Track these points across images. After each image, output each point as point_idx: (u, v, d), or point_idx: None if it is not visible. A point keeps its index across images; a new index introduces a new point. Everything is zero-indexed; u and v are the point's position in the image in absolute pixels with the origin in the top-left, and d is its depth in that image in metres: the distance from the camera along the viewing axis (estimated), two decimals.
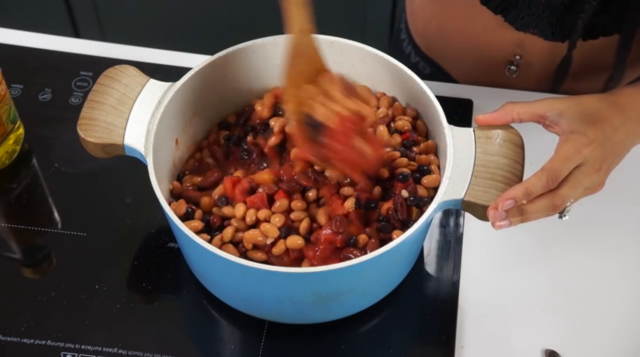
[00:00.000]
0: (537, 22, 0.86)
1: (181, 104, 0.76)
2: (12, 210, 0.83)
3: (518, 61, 0.93)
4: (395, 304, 0.76)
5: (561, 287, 0.79)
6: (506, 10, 0.86)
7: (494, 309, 0.77)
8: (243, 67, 0.79)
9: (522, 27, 0.87)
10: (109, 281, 0.77)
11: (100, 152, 0.73)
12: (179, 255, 0.78)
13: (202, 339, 0.74)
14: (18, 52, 0.96)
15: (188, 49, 0.96)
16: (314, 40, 0.70)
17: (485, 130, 0.72)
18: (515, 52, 0.92)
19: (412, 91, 0.77)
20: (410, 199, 0.70)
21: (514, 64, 0.94)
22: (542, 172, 0.65)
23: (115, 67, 0.75)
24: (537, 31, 0.87)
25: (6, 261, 0.80)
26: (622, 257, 0.81)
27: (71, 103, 0.91)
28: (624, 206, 0.84)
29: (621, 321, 0.77)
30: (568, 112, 0.69)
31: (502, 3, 0.86)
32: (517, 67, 0.94)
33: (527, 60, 0.93)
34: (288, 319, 0.74)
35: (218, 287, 0.74)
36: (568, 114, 0.68)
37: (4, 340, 0.73)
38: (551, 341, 0.75)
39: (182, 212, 0.71)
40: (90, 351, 0.72)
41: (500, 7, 0.86)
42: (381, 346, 0.73)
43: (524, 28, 0.87)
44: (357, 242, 0.69)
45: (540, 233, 0.82)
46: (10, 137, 0.84)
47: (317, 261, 0.67)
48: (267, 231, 0.68)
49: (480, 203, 0.68)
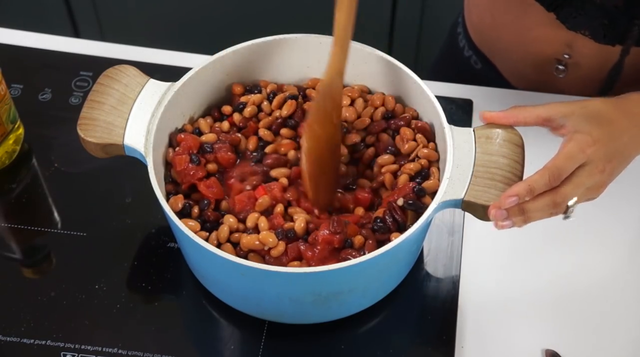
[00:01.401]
0: (589, 23, 0.85)
1: (181, 104, 0.76)
2: (12, 210, 0.83)
3: (567, 60, 0.92)
4: (395, 304, 0.76)
5: (561, 287, 0.79)
6: (559, 8, 0.85)
7: (494, 309, 0.77)
8: (243, 67, 0.79)
9: (574, 27, 0.86)
10: (109, 281, 0.77)
11: (100, 152, 0.73)
12: (179, 255, 0.78)
13: (202, 339, 0.74)
14: (18, 52, 0.96)
15: (188, 49, 0.96)
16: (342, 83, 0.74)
17: (485, 130, 0.72)
18: (565, 52, 0.91)
19: (412, 91, 0.77)
20: (408, 202, 0.70)
21: (562, 63, 0.93)
22: (545, 170, 0.65)
23: (115, 67, 0.75)
24: (589, 32, 0.86)
25: (6, 261, 0.80)
26: (622, 258, 0.81)
27: (71, 103, 0.91)
28: (625, 206, 0.84)
29: (621, 321, 0.77)
30: (574, 114, 0.69)
31: (556, 1, 0.85)
32: (565, 66, 0.93)
33: (576, 61, 0.92)
34: (288, 319, 0.74)
35: (218, 287, 0.74)
36: (574, 116, 0.68)
37: (4, 340, 0.73)
38: (551, 341, 0.75)
39: (178, 207, 0.71)
40: (90, 351, 0.72)
41: (554, 4, 0.85)
42: (381, 346, 0.73)
43: (575, 28, 0.86)
44: (352, 244, 0.69)
45: (540, 233, 0.81)
46: (10, 137, 0.84)
47: (315, 262, 0.67)
48: (264, 239, 0.68)
49: (480, 203, 0.68)
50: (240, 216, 0.71)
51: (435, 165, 0.75)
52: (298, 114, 0.77)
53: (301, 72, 0.81)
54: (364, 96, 0.79)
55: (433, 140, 0.76)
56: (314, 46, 0.79)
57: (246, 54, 0.78)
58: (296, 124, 0.77)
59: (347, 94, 0.79)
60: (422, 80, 0.76)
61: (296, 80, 0.82)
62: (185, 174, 0.72)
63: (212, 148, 0.74)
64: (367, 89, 0.81)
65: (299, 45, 0.79)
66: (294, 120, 0.77)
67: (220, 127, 0.77)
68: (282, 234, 0.69)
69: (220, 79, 0.79)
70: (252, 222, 0.70)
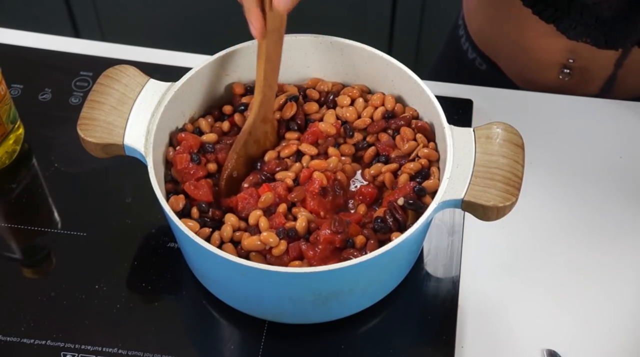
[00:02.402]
0: (590, 32, 0.85)
1: (181, 104, 0.76)
2: (12, 210, 0.83)
3: (571, 64, 0.93)
4: (395, 304, 0.76)
5: (561, 287, 0.79)
6: (558, 21, 0.86)
7: (494, 309, 0.77)
8: (243, 67, 0.79)
9: (575, 37, 0.87)
10: (109, 281, 0.77)
11: (100, 152, 0.73)
12: (179, 255, 0.78)
13: (202, 339, 0.74)
14: (18, 52, 0.96)
15: (188, 49, 0.96)
16: (274, 128, 0.76)
17: (485, 130, 0.72)
18: (569, 57, 0.92)
19: (412, 91, 0.77)
20: (409, 202, 0.70)
21: (567, 67, 0.93)
22: None
23: (115, 67, 0.75)
24: (590, 40, 0.86)
25: (6, 261, 0.80)
26: (622, 257, 0.81)
27: (71, 103, 0.91)
28: (625, 206, 0.84)
29: (621, 321, 0.76)
30: None
31: (555, 13, 0.85)
32: (571, 70, 0.94)
33: (581, 65, 0.93)
34: (288, 319, 0.74)
35: (218, 287, 0.74)
36: None
37: (4, 340, 0.73)
38: (551, 341, 0.75)
39: (179, 207, 0.71)
40: (90, 351, 0.72)
41: (553, 17, 0.86)
42: (381, 346, 0.73)
43: (577, 37, 0.87)
44: (354, 244, 0.69)
45: (540, 233, 0.82)
46: (10, 137, 0.84)
47: (316, 261, 0.67)
48: (265, 239, 0.68)
49: (480, 203, 0.68)
50: (243, 214, 0.71)
51: (436, 165, 0.75)
52: (299, 115, 0.77)
53: (301, 72, 0.81)
54: (364, 96, 0.79)
55: (433, 140, 0.76)
56: (314, 46, 0.79)
57: (246, 54, 0.78)
58: (297, 126, 0.77)
59: (347, 94, 0.79)
60: (422, 80, 0.76)
61: (296, 80, 0.82)
62: (186, 173, 0.72)
63: (213, 148, 0.74)
64: (367, 89, 0.81)
65: (298, 45, 0.79)
66: (295, 123, 0.77)
67: (221, 127, 0.78)
68: (284, 233, 0.69)
69: (220, 79, 0.79)
70: (254, 219, 0.70)
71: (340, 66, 0.80)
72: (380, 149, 0.76)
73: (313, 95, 0.79)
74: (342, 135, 0.77)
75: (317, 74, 0.81)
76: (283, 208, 0.71)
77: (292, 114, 0.77)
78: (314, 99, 0.79)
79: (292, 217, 0.71)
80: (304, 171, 0.73)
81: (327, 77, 0.81)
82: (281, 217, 0.70)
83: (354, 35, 0.81)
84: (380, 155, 0.76)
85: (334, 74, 0.81)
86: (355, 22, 1.75)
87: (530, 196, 0.76)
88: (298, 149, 0.75)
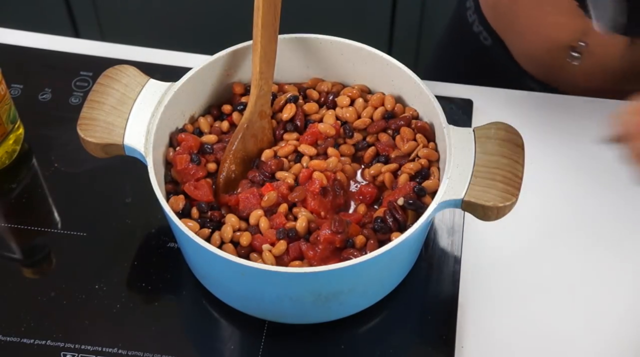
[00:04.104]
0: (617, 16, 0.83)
1: (181, 103, 0.76)
2: (12, 210, 0.83)
3: (582, 48, 0.92)
4: (395, 304, 0.76)
5: (561, 287, 0.79)
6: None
7: (494, 309, 0.77)
8: (243, 67, 0.79)
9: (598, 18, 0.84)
10: (109, 281, 0.77)
11: (100, 152, 0.73)
12: (179, 255, 0.78)
13: (202, 339, 0.74)
14: (18, 52, 0.96)
15: (188, 49, 0.96)
16: (271, 124, 0.77)
17: (485, 130, 0.72)
18: (580, 39, 0.91)
19: (412, 91, 0.77)
20: (409, 202, 0.70)
21: (577, 50, 0.93)
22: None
23: (115, 67, 0.76)
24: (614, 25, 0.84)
25: (6, 261, 0.80)
26: (623, 257, 0.81)
27: (71, 103, 0.91)
28: (626, 206, 0.84)
29: (622, 321, 0.77)
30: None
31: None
32: (580, 54, 0.93)
33: (591, 49, 0.92)
34: (288, 319, 0.74)
35: (218, 287, 0.74)
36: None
37: (4, 340, 0.73)
38: (551, 341, 0.75)
39: (179, 207, 0.71)
40: (90, 351, 0.72)
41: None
42: (381, 346, 0.73)
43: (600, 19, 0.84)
44: (354, 244, 0.69)
45: (540, 233, 0.82)
46: (10, 137, 0.84)
47: (316, 261, 0.67)
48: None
49: (480, 203, 0.68)
50: (243, 213, 0.71)
51: (435, 165, 0.75)
52: (299, 116, 0.77)
53: (301, 72, 0.81)
54: (364, 96, 0.79)
55: (433, 140, 0.76)
56: (314, 46, 0.79)
57: (246, 54, 0.78)
58: (296, 127, 0.77)
59: (347, 94, 0.79)
60: (422, 80, 0.76)
61: (296, 80, 0.82)
62: (186, 174, 0.72)
63: (212, 148, 0.74)
64: (367, 89, 0.81)
65: (299, 45, 0.79)
66: (294, 124, 0.77)
67: (220, 126, 0.78)
68: (284, 233, 0.69)
69: (220, 79, 0.79)
70: (254, 219, 0.70)
71: (340, 66, 0.80)
72: (380, 149, 0.76)
73: (313, 95, 0.80)
74: (342, 135, 0.77)
75: (317, 74, 0.81)
76: (284, 208, 0.71)
77: (292, 116, 0.77)
78: (314, 99, 0.79)
79: (293, 217, 0.71)
80: (304, 171, 0.73)
81: (327, 77, 0.82)
82: (282, 217, 0.70)
83: (354, 35, 0.81)
84: (380, 155, 0.76)
85: (334, 74, 0.81)
86: (355, 22, 1.75)
87: (531, 196, 0.76)
88: (297, 150, 0.75)
